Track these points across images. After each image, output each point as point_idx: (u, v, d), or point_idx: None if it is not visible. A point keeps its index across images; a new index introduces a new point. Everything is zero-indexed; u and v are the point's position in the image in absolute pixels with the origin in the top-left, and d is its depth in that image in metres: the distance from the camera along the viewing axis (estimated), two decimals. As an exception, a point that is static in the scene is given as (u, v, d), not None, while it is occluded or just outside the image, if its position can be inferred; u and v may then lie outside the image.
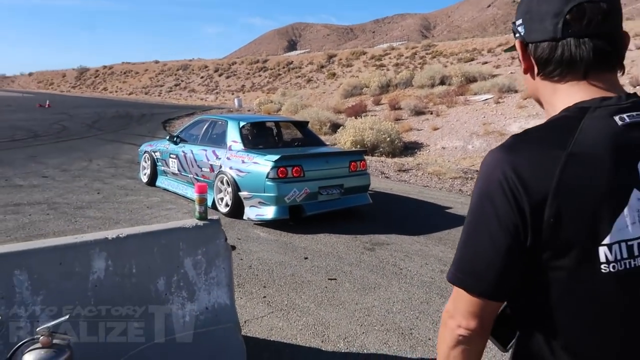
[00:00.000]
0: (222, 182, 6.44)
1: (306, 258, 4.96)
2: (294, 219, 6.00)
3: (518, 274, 0.88)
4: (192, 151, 7.17)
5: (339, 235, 5.74)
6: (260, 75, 58.30)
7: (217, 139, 6.95)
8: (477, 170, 10.39)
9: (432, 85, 21.47)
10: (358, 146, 12.70)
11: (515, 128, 13.33)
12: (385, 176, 10.41)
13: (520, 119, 13.87)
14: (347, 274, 4.54)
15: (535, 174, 0.84)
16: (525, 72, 1.01)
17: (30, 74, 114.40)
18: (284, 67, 57.12)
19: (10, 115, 26.10)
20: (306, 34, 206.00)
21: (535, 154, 0.86)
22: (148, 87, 68.26)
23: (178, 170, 7.53)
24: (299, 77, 51.37)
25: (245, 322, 3.51)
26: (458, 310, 0.93)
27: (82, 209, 6.71)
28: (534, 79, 0.99)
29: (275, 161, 5.77)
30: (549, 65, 0.93)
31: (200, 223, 2.81)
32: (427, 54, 41.71)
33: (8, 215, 6.24)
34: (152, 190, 8.02)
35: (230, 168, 6.28)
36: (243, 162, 6.16)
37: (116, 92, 71.21)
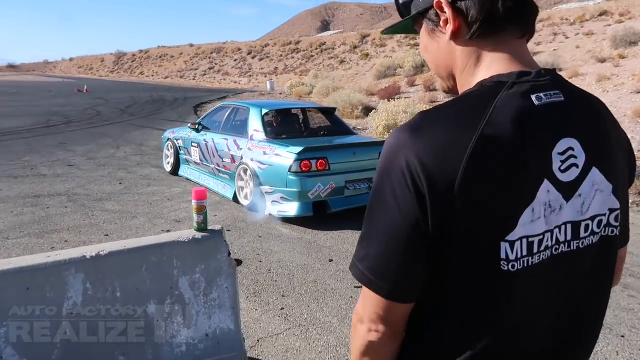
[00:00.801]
0: (243, 173, 6.04)
1: (331, 260, 4.51)
2: (318, 215, 5.55)
3: (424, 271, 0.79)
4: (213, 140, 6.79)
5: (368, 233, 5.27)
6: (293, 57, 57.83)
7: (238, 128, 6.54)
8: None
9: (470, 65, 20.46)
10: (390, 132, 12.12)
11: (562, 110, 12.41)
12: (420, 164, 9.82)
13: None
14: (375, 281, 4.08)
15: (440, 161, 0.74)
16: (453, 36, 0.85)
17: (71, 60, 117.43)
18: (316, 49, 56.43)
19: (49, 101, 26.60)
20: (339, 14, 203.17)
21: (442, 138, 0.75)
22: (183, 71, 68.87)
23: (200, 159, 7.18)
24: (332, 58, 50.61)
25: (258, 340, 3.11)
26: (367, 313, 0.84)
27: (102, 201, 6.46)
28: (462, 44, 0.85)
29: (299, 153, 5.30)
30: (478, 24, 0.82)
31: (199, 235, 2.39)
32: (465, 31, 40.19)
33: (26, 207, 6.04)
34: (175, 180, 7.73)
35: (252, 160, 5.85)
36: (264, 153, 5.72)
37: (152, 76, 72.19)
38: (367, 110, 15.60)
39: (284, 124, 6.54)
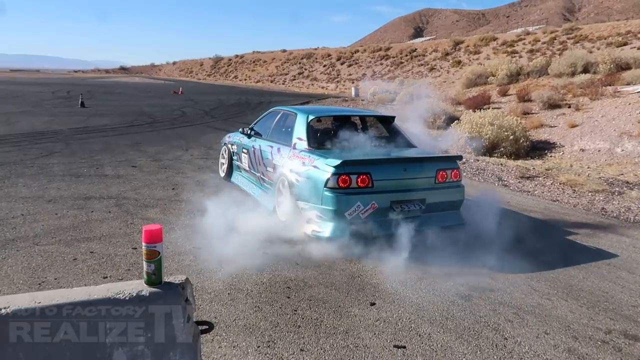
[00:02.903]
0: (282, 186, 5.41)
1: (373, 304, 3.71)
2: (363, 239, 4.72)
3: None
4: (260, 147, 6.27)
5: (426, 270, 4.37)
6: (381, 64, 56.99)
7: (284, 135, 5.92)
8: (627, 182, 7.94)
9: (573, 74, 18.38)
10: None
11: (685, 128, 10.49)
12: (502, 184, 8.60)
13: (693, 116, 10.90)
14: (423, 339, 3.22)
15: None
16: None
17: (174, 63, 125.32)
18: (406, 55, 55.15)
19: (144, 101, 28.11)
20: (434, 21, 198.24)
21: None
22: (274, 76, 70.60)
23: (248, 166, 6.70)
24: (422, 65, 49.10)
25: (250, 416, 2.41)
26: None
27: (147, 207, 6.15)
28: None
29: (336, 167, 4.57)
30: None
31: (146, 291, 1.74)
32: (568, 38, 37.03)
33: (72, 210, 5.86)
34: (228, 188, 7.28)
35: (290, 171, 5.21)
36: (303, 164, 5.05)
37: (245, 80, 74.81)
38: (451, 120, 14.46)
39: (332, 133, 5.81)
